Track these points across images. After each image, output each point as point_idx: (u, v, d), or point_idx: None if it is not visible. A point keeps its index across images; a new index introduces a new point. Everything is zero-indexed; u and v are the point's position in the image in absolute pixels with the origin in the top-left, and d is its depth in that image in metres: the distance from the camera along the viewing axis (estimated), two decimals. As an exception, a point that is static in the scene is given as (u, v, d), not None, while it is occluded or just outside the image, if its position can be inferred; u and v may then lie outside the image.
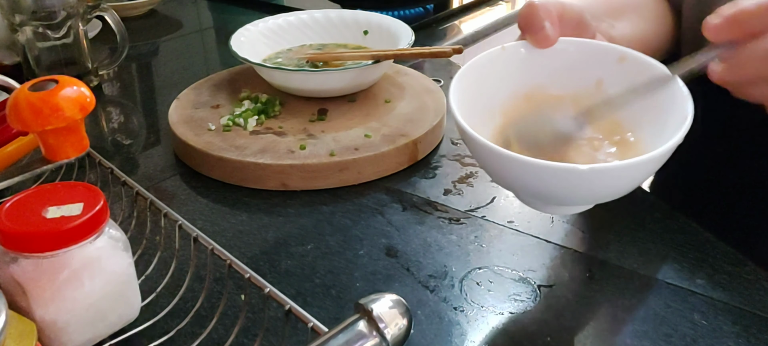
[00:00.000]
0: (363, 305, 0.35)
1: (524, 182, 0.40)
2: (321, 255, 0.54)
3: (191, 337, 0.45)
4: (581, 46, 0.47)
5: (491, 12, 1.16)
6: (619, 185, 0.40)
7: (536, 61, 0.47)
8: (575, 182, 0.38)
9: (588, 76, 0.47)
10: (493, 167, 0.42)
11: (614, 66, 0.46)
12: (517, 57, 0.47)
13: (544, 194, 0.41)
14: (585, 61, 0.46)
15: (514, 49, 0.47)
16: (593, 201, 0.43)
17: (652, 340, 0.45)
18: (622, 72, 0.45)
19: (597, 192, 0.40)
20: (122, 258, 0.42)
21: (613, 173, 0.39)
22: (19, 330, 0.37)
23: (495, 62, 0.47)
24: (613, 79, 0.46)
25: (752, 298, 0.48)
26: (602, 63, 0.46)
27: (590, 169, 0.37)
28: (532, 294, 0.49)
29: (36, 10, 0.78)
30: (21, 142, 0.59)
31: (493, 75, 0.47)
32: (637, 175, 0.40)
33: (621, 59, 0.45)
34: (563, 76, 0.47)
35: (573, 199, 0.41)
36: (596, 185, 0.39)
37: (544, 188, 0.39)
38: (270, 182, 0.63)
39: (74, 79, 0.50)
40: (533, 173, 0.38)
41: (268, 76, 0.74)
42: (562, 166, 0.37)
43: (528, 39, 0.46)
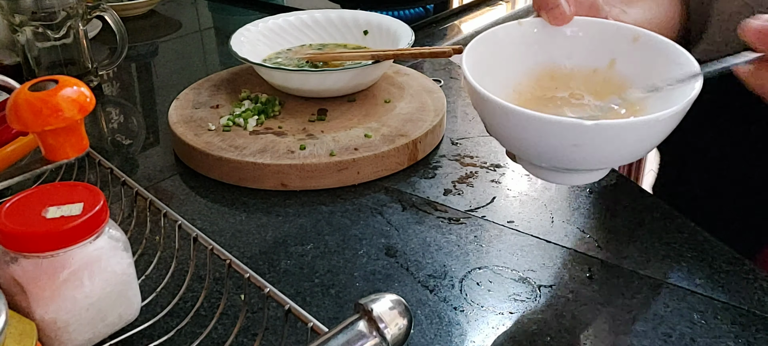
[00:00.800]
0: (363, 305, 0.35)
1: (529, 141, 0.40)
2: (320, 255, 0.54)
3: (191, 337, 0.45)
4: (595, 25, 0.47)
5: (491, 12, 1.16)
6: (627, 145, 0.39)
7: (550, 39, 0.47)
8: (580, 138, 0.38)
9: (601, 56, 0.47)
10: (499, 125, 0.42)
11: (628, 46, 0.46)
12: (532, 33, 0.47)
13: (549, 155, 0.40)
14: (599, 40, 0.47)
15: (529, 25, 0.47)
16: (600, 163, 0.42)
17: (652, 339, 0.45)
18: (636, 52, 0.45)
19: (603, 152, 0.40)
20: (122, 258, 0.42)
21: (618, 129, 0.38)
22: (19, 330, 0.37)
23: (511, 36, 0.47)
24: (626, 58, 0.46)
25: (751, 297, 0.48)
26: (616, 43, 0.46)
27: (595, 124, 0.37)
28: (532, 294, 0.49)
29: (36, 11, 0.78)
30: (21, 142, 0.59)
31: (507, 48, 0.47)
32: (644, 135, 0.39)
33: (635, 39, 0.46)
34: (577, 55, 0.47)
35: (579, 159, 0.40)
36: (602, 143, 0.38)
37: (549, 146, 0.39)
38: (269, 181, 0.63)
39: (74, 80, 0.50)
40: (537, 128, 0.38)
41: (267, 76, 0.74)
42: (566, 120, 0.37)
43: (543, 16, 0.47)
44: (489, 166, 0.66)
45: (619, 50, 0.46)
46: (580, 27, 0.47)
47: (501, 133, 0.42)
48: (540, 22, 0.47)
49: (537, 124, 0.38)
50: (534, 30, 0.47)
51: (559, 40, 0.47)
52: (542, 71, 0.48)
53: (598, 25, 0.47)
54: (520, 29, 0.47)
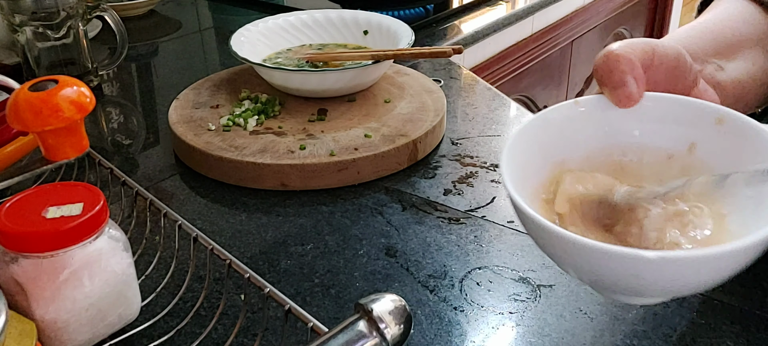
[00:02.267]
0: (363, 305, 0.35)
1: (585, 269, 0.34)
2: (320, 255, 0.54)
3: (191, 337, 0.45)
4: (670, 104, 0.39)
5: (491, 12, 1.16)
6: (698, 279, 0.32)
7: (616, 121, 0.40)
8: (640, 271, 0.31)
9: (678, 140, 0.39)
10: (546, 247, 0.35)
11: (711, 128, 0.38)
12: (591, 114, 0.40)
13: (608, 283, 0.34)
14: (675, 122, 0.39)
15: (590, 104, 0.40)
16: (666, 294, 0.36)
17: (652, 340, 0.45)
18: (721, 136, 0.38)
19: (669, 285, 0.33)
20: (122, 258, 0.43)
21: (688, 263, 0.31)
22: (19, 330, 0.37)
23: (565, 118, 0.40)
24: (708, 144, 0.39)
25: (751, 297, 0.48)
26: (696, 124, 0.39)
27: (659, 257, 0.30)
28: (532, 294, 0.49)
29: (36, 11, 0.78)
30: (21, 142, 0.59)
31: (562, 133, 0.40)
32: (720, 267, 0.32)
33: (719, 121, 0.38)
34: (647, 139, 0.40)
35: (641, 289, 0.33)
36: (667, 277, 0.32)
37: (603, 274, 0.33)
38: (269, 181, 0.63)
39: (74, 80, 0.50)
40: (588, 257, 0.32)
41: (267, 76, 0.74)
42: (623, 251, 0.30)
43: (606, 94, 0.39)
44: (489, 167, 0.66)
45: (699, 133, 0.39)
46: (651, 105, 0.39)
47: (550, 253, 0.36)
48: (602, 101, 0.40)
49: (590, 254, 0.32)
50: (593, 111, 0.40)
51: (627, 121, 0.40)
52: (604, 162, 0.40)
53: (674, 103, 0.39)
54: (577, 110, 0.40)
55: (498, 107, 0.78)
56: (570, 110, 0.40)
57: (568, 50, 1.42)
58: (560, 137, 0.40)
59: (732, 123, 0.38)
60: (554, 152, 0.40)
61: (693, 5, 0.58)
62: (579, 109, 0.40)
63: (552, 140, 0.40)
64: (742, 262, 0.32)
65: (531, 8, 1.22)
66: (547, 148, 0.39)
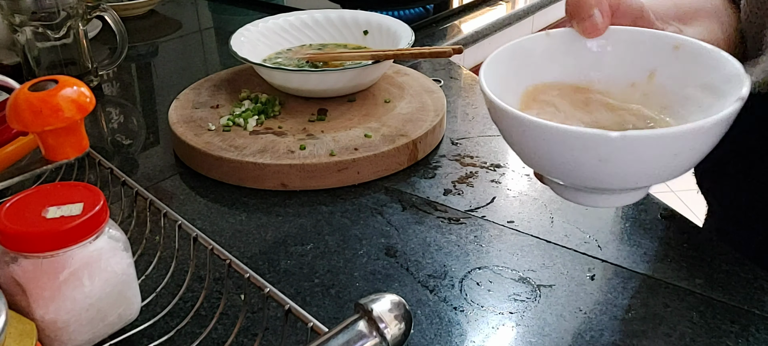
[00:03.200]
0: (363, 305, 0.35)
1: (550, 156, 0.36)
2: (320, 255, 0.54)
3: (191, 337, 0.45)
4: (631, 35, 0.43)
5: (491, 12, 1.16)
6: (662, 160, 0.34)
7: (582, 51, 0.43)
8: (606, 152, 0.33)
9: (639, 68, 0.43)
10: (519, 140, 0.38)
11: (668, 55, 0.42)
12: (561, 44, 0.43)
13: (575, 172, 0.36)
14: (636, 51, 0.43)
15: (558, 36, 0.43)
16: (632, 181, 0.37)
17: (651, 339, 0.45)
18: (677, 61, 0.41)
19: (634, 168, 0.35)
20: (122, 258, 0.43)
21: (651, 141, 0.33)
22: (19, 330, 0.37)
23: (537, 47, 0.43)
24: (666, 69, 0.42)
25: (751, 297, 0.48)
26: (655, 52, 0.42)
27: (623, 136, 0.32)
28: (532, 294, 0.49)
29: (36, 11, 0.78)
30: (21, 142, 0.59)
31: (533, 61, 0.43)
32: (683, 147, 0.34)
33: (675, 47, 0.42)
34: (611, 68, 0.43)
35: (607, 177, 0.36)
36: (632, 158, 0.34)
37: (573, 162, 0.35)
38: (269, 181, 0.63)
39: (74, 80, 0.50)
40: (557, 141, 0.34)
41: (267, 76, 0.74)
42: (589, 131, 0.33)
43: (574, 26, 0.43)
44: (489, 166, 0.66)
45: (659, 61, 0.42)
46: (613, 37, 0.43)
47: (521, 148, 0.38)
48: (571, 33, 0.43)
49: (556, 136, 0.34)
50: (563, 41, 0.43)
51: (591, 52, 0.43)
52: (572, 87, 0.44)
53: (633, 34, 0.43)
54: (548, 40, 0.43)
55: (498, 107, 0.78)
56: (542, 40, 0.43)
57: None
58: (532, 65, 0.43)
59: (687, 48, 0.41)
60: (526, 78, 0.43)
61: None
62: (550, 40, 0.44)
63: (524, 67, 0.43)
64: (702, 143, 0.34)
65: (531, 8, 1.22)
66: (520, 74, 0.43)
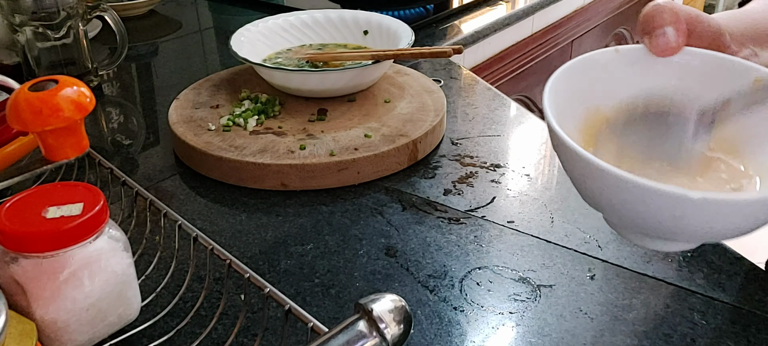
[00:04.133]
0: (363, 305, 0.35)
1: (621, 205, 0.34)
2: (320, 255, 0.54)
3: (191, 337, 0.45)
4: (708, 60, 0.39)
5: (491, 12, 1.16)
6: (736, 223, 0.32)
7: (652, 71, 0.40)
8: (683, 211, 0.31)
9: (712, 97, 0.39)
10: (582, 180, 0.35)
11: (746, 88, 0.38)
12: (629, 62, 0.40)
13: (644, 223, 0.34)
14: (711, 79, 0.39)
15: (628, 53, 0.40)
16: (701, 238, 0.36)
17: (652, 340, 0.45)
18: (755, 96, 0.38)
19: (707, 228, 0.33)
20: (122, 258, 0.42)
21: (729, 206, 0.31)
22: (19, 330, 0.37)
23: (603, 64, 0.40)
24: (741, 103, 0.39)
25: (751, 297, 0.48)
26: (732, 83, 0.39)
27: (703, 198, 0.31)
28: (532, 294, 0.49)
29: (36, 11, 0.78)
30: (21, 142, 0.59)
31: (599, 79, 0.40)
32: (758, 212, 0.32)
33: (756, 80, 0.38)
34: (682, 93, 0.40)
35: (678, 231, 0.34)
36: (708, 219, 0.32)
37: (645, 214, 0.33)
38: (269, 181, 0.63)
39: (74, 80, 0.50)
40: (635, 194, 0.32)
41: (267, 76, 0.74)
42: (669, 189, 0.31)
43: (645, 42, 0.39)
44: (489, 166, 0.66)
45: (733, 93, 0.39)
46: (690, 58, 0.39)
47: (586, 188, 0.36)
48: (641, 50, 0.40)
49: (633, 190, 0.32)
50: (631, 59, 0.40)
51: (662, 73, 0.40)
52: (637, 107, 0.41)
53: (712, 59, 0.39)
54: (616, 57, 0.40)
55: (498, 107, 0.78)
56: (609, 57, 0.40)
57: (568, 50, 1.42)
58: (597, 83, 0.40)
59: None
60: (589, 97, 0.40)
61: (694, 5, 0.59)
62: (617, 56, 0.40)
63: (588, 85, 0.40)
64: None
65: (531, 8, 1.22)
66: (583, 92, 0.40)
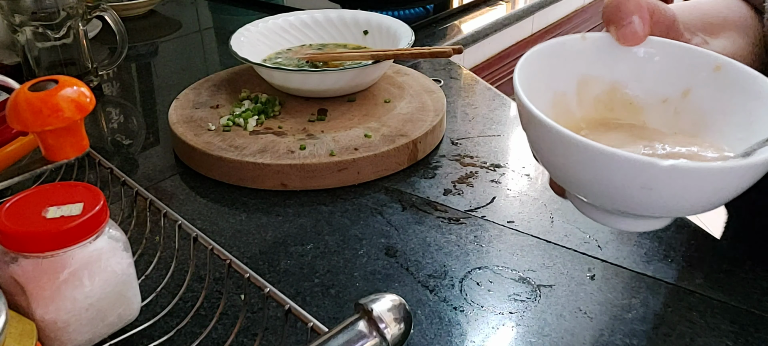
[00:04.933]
0: (363, 305, 0.35)
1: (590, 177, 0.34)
2: (320, 255, 0.54)
3: (191, 337, 0.45)
4: (671, 49, 0.41)
5: (491, 12, 1.16)
6: (707, 193, 0.33)
7: (618, 59, 0.41)
8: (652, 180, 0.32)
9: (674, 84, 0.41)
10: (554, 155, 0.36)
11: (707, 75, 0.40)
12: (596, 49, 0.42)
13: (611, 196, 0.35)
14: (674, 66, 0.41)
15: (594, 40, 0.42)
16: (669, 211, 0.36)
17: (651, 339, 0.45)
18: (716, 83, 0.40)
19: (677, 199, 0.33)
20: (122, 258, 0.43)
21: (699, 175, 0.32)
22: (19, 330, 0.37)
23: (570, 50, 0.42)
24: (703, 89, 0.40)
25: (750, 297, 0.48)
26: (694, 70, 0.40)
27: (672, 166, 0.31)
28: (532, 294, 0.49)
29: (36, 11, 0.78)
30: (21, 142, 0.59)
31: (565, 64, 0.42)
32: (731, 182, 0.33)
33: (716, 68, 0.40)
34: (646, 80, 0.42)
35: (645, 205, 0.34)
36: (678, 189, 0.32)
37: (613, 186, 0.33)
38: (269, 181, 0.63)
39: (74, 80, 0.50)
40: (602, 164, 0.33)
41: (267, 76, 0.74)
42: (638, 158, 0.32)
43: (611, 32, 0.41)
44: (489, 166, 0.66)
45: (696, 79, 0.40)
46: (653, 48, 0.41)
47: (554, 163, 0.37)
48: (607, 39, 0.41)
49: (602, 159, 0.32)
50: (598, 47, 0.41)
51: (626, 61, 0.41)
52: (602, 94, 0.42)
53: (675, 48, 0.41)
54: (583, 44, 0.42)
55: (498, 107, 0.78)
56: (576, 43, 0.41)
57: (568, 50, 1.42)
58: (564, 68, 0.41)
59: (729, 70, 0.39)
60: (557, 82, 0.41)
61: (690, 6, 0.60)
62: (584, 43, 0.41)
63: (556, 70, 0.41)
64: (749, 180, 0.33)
65: (531, 8, 1.22)
66: (552, 76, 0.41)
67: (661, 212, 0.37)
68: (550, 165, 0.38)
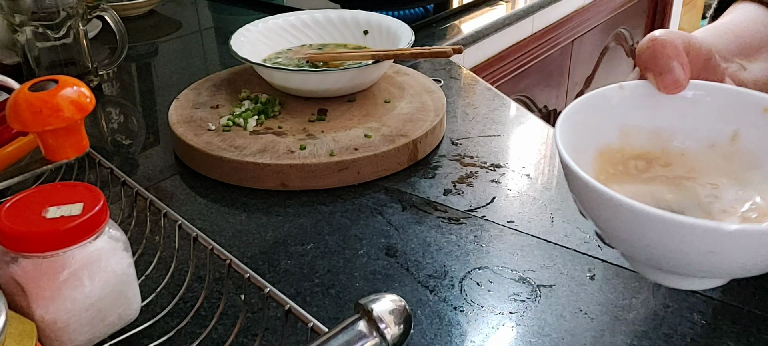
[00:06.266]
0: (363, 305, 0.35)
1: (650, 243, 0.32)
2: (320, 255, 0.54)
3: (191, 337, 0.45)
4: (715, 92, 0.39)
5: (491, 12, 1.16)
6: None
7: (659, 106, 0.40)
8: (718, 246, 0.30)
9: (722, 128, 0.39)
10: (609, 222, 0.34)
11: (756, 117, 0.38)
12: (636, 99, 0.40)
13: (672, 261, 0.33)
14: (719, 110, 0.39)
15: (634, 90, 0.40)
16: (733, 274, 0.35)
17: (652, 340, 0.45)
18: (765, 125, 0.38)
19: (742, 262, 0.32)
20: (122, 258, 0.42)
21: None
22: (19, 330, 0.37)
23: (611, 102, 0.40)
24: (752, 132, 0.38)
25: (751, 297, 0.48)
26: (741, 113, 0.39)
27: (740, 230, 0.30)
28: (532, 294, 0.49)
29: (36, 11, 0.78)
30: (21, 142, 0.59)
31: (606, 117, 0.40)
32: None
33: (766, 110, 0.38)
34: (691, 126, 0.40)
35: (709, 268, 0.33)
36: (742, 253, 0.31)
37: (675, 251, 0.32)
38: (269, 181, 0.63)
39: (74, 80, 0.50)
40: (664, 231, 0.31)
41: (267, 76, 0.74)
42: (704, 223, 0.30)
43: (651, 80, 0.39)
44: (489, 166, 0.66)
45: (744, 122, 0.38)
46: (697, 93, 0.39)
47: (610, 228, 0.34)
48: (646, 86, 0.40)
49: (663, 226, 0.31)
50: (642, 92, 0.40)
51: (668, 108, 0.40)
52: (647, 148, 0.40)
53: (720, 92, 0.39)
54: (621, 94, 0.40)
55: (498, 107, 0.78)
56: (615, 94, 0.40)
57: (568, 50, 1.42)
58: (604, 121, 0.40)
59: None
60: (598, 136, 0.40)
61: (693, 5, 0.59)
62: (624, 94, 0.40)
63: (596, 123, 0.40)
64: None
65: (531, 8, 1.22)
66: (592, 131, 0.39)
67: (725, 275, 0.35)
68: (602, 229, 0.35)
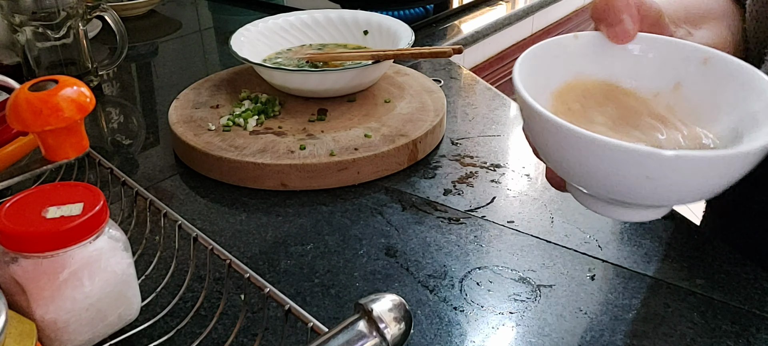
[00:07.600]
0: (363, 305, 0.35)
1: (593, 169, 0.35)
2: (320, 255, 0.54)
3: (191, 337, 0.45)
4: (660, 44, 0.42)
5: (491, 12, 1.16)
6: (708, 181, 0.33)
7: (609, 55, 0.43)
8: (656, 170, 0.32)
9: (665, 78, 0.42)
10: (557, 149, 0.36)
11: (696, 68, 0.41)
12: (589, 47, 0.43)
13: (614, 186, 0.35)
14: (663, 61, 0.42)
15: (587, 39, 0.43)
16: (669, 199, 0.37)
17: (652, 340, 0.45)
18: (705, 75, 0.41)
19: (679, 187, 0.34)
20: (122, 258, 0.42)
21: (704, 163, 0.32)
22: (19, 330, 0.37)
23: (566, 49, 0.43)
24: (693, 82, 0.41)
25: (751, 297, 0.48)
26: (683, 64, 0.42)
27: (676, 155, 0.31)
28: (532, 294, 0.49)
29: (36, 11, 0.78)
30: (21, 142, 0.59)
31: (561, 63, 0.43)
32: (731, 169, 0.33)
33: (705, 61, 0.41)
34: (638, 75, 0.43)
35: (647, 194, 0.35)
36: (680, 178, 0.33)
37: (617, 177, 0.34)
38: (269, 181, 0.63)
39: (74, 80, 0.50)
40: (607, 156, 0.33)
41: (267, 76, 0.74)
42: (643, 148, 0.32)
43: (602, 30, 0.42)
44: (489, 166, 0.66)
45: (686, 73, 0.41)
46: (644, 44, 0.42)
47: (556, 157, 0.37)
48: (598, 37, 0.43)
49: (607, 151, 0.33)
50: (594, 42, 0.43)
51: (618, 58, 0.43)
52: (597, 90, 0.43)
53: (664, 44, 0.42)
54: (576, 43, 0.43)
55: (498, 107, 0.78)
56: (569, 42, 0.43)
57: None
58: (560, 67, 0.42)
59: (717, 62, 0.40)
60: (554, 80, 0.42)
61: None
62: (577, 42, 0.43)
63: (552, 69, 0.42)
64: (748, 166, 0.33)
65: (531, 8, 1.22)
66: (549, 75, 0.42)
67: (662, 202, 0.37)
68: (551, 159, 0.38)
